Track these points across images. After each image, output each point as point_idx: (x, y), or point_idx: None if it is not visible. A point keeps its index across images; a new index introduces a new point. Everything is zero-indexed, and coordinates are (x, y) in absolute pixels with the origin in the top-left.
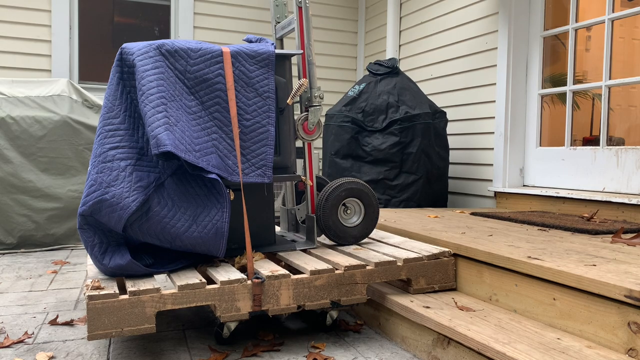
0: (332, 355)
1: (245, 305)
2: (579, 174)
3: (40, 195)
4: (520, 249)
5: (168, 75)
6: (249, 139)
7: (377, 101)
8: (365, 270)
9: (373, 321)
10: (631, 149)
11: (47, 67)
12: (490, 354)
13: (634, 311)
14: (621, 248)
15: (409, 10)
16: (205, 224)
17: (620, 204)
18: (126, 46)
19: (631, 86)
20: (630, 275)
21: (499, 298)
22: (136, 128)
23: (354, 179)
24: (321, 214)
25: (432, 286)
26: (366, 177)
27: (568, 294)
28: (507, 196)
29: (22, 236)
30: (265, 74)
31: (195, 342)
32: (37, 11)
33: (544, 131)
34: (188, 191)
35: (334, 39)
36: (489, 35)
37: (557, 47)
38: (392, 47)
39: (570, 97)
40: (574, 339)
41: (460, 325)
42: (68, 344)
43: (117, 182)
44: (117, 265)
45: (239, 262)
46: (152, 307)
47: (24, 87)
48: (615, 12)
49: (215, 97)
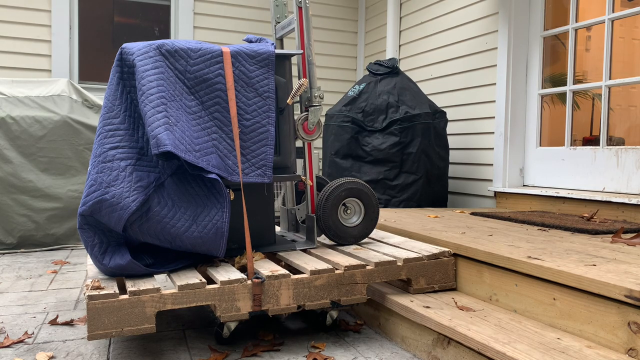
0: (332, 355)
1: (245, 305)
2: (579, 174)
3: (40, 195)
4: (520, 249)
5: (168, 75)
6: (249, 139)
7: (377, 101)
8: (365, 270)
9: (373, 321)
10: (631, 149)
11: (47, 67)
12: (490, 354)
13: (634, 311)
14: (621, 248)
15: (409, 10)
16: (205, 223)
17: (620, 204)
18: (126, 46)
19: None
20: (630, 275)
21: (499, 298)
22: (136, 128)
23: (354, 179)
24: (321, 213)
25: (432, 286)
26: (366, 177)
27: (568, 294)
28: (507, 196)
29: (22, 236)
30: (266, 74)
31: (195, 342)
32: (37, 11)
33: (544, 131)
34: (188, 191)
35: (334, 39)
36: (489, 35)
37: (557, 47)
38: (392, 47)
39: (570, 97)
40: (574, 339)
41: (460, 325)
42: (68, 344)
43: (117, 182)
44: (117, 265)
45: (239, 262)
46: (152, 307)
47: (24, 87)
48: (615, 12)
49: (215, 97)
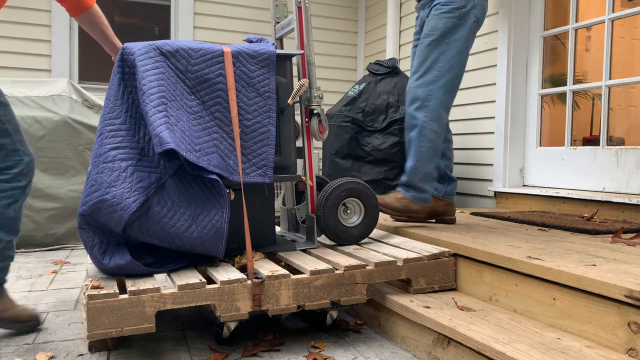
0: (332, 355)
1: (245, 305)
2: (579, 174)
3: (40, 195)
4: (520, 249)
5: (169, 75)
6: (249, 139)
7: (377, 101)
8: (365, 271)
9: (373, 321)
10: (631, 149)
11: (47, 67)
12: (490, 354)
13: (634, 311)
14: (621, 248)
15: (409, 10)
16: (205, 224)
17: (620, 204)
18: (127, 46)
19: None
20: (630, 275)
21: (499, 298)
22: (137, 129)
23: (354, 179)
24: (321, 214)
25: (432, 286)
26: (366, 177)
27: (568, 294)
28: (507, 196)
29: (22, 236)
30: (266, 74)
31: (195, 342)
32: (37, 11)
33: (544, 131)
34: (188, 191)
35: (334, 39)
36: (489, 35)
37: (557, 47)
38: (392, 47)
39: (570, 97)
40: (574, 339)
41: (460, 325)
42: (68, 344)
43: (117, 182)
44: (117, 265)
45: (239, 262)
46: (152, 306)
47: (24, 87)
48: (615, 12)
49: (216, 97)
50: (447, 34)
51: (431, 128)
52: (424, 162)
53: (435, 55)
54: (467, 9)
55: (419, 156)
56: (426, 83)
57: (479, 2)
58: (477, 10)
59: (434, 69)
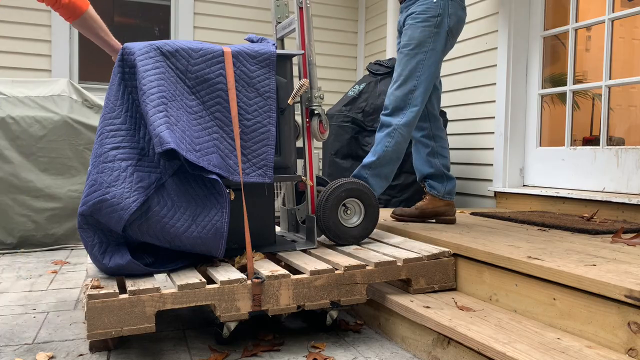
0: (332, 355)
1: (245, 305)
2: (579, 174)
3: (40, 195)
4: (520, 249)
5: (169, 75)
6: (250, 139)
7: (377, 101)
8: (365, 271)
9: (373, 321)
10: (631, 149)
11: (47, 67)
12: (490, 354)
13: (634, 311)
14: (621, 248)
15: None
16: (205, 224)
17: (620, 204)
18: (127, 46)
19: (631, 86)
20: (630, 275)
21: (499, 298)
22: (137, 129)
23: (354, 179)
24: (321, 214)
25: (432, 286)
26: None
27: (568, 294)
28: (507, 196)
29: (22, 236)
30: (267, 74)
31: (195, 342)
32: (37, 11)
33: (544, 131)
34: (188, 191)
35: (334, 39)
36: (489, 35)
37: (557, 47)
38: (392, 47)
39: (570, 97)
40: (574, 339)
41: (460, 325)
42: (68, 344)
43: (117, 182)
44: (117, 265)
45: (239, 262)
46: (152, 306)
47: (24, 87)
48: (615, 12)
49: (216, 97)
50: (424, 43)
51: (401, 132)
52: (386, 161)
53: (413, 65)
54: (442, 17)
55: (382, 154)
56: (405, 92)
57: (453, 12)
58: (450, 20)
59: (412, 78)
